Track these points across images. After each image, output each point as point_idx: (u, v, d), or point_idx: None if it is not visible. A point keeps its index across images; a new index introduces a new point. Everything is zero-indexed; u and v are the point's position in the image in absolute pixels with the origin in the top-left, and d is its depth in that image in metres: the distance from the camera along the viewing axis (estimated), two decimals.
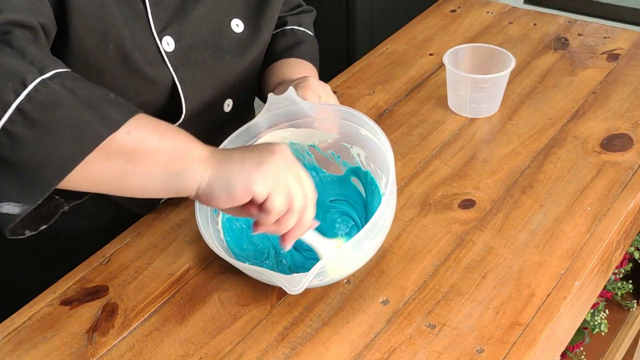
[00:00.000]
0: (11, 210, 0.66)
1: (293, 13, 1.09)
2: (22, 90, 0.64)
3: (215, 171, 0.72)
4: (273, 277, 0.76)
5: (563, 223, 0.91)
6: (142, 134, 0.69)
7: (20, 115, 0.63)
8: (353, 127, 0.88)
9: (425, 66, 1.26)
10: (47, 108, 0.64)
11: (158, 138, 0.70)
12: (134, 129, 0.69)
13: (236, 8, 0.92)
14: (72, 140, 0.65)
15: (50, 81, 0.65)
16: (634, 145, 1.03)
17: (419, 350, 0.77)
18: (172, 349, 0.80)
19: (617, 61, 1.22)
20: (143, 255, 0.92)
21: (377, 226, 0.78)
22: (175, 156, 0.71)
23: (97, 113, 0.67)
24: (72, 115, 0.65)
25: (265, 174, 0.71)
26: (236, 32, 0.92)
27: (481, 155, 1.04)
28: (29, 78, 0.64)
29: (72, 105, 0.66)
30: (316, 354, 0.78)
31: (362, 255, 0.81)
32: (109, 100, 0.68)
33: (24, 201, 0.66)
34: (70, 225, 0.97)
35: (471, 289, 0.83)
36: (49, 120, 0.64)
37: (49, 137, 0.65)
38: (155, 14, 0.83)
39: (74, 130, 0.65)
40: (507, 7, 1.42)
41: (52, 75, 0.66)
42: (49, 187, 0.66)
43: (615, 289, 1.46)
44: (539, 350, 0.78)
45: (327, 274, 0.78)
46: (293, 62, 1.02)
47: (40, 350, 0.81)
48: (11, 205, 0.66)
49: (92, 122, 0.66)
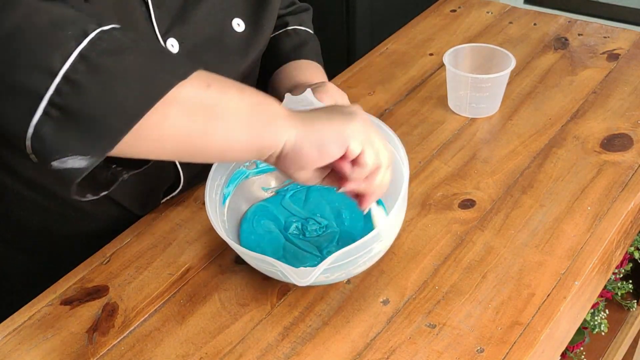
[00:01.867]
0: (77, 164, 0.62)
1: (290, 12, 1.09)
2: (84, 38, 0.61)
3: (304, 128, 0.70)
4: (282, 268, 0.75)
5: (563, 223, 0.91)
6: (222, 87, 0.67)
7: (83, 62, 0.60)
8: None
9: (425, 66, 1.26)
10: (112, 54, 0.61)
11: (238, 91, 0.68)
12: (212, 80, 0.66)
13: (236, 7, 0.92)
14: (140, 87, 0.62)
15: (112, 31, 0.62)
16: (634, 145, 1.03)
17: (419, 350, 0.77)
18: (172, 349, 0.80)
19: (617, 61, 1.22)
20: (143, 255, 0.92)
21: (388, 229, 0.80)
22: (259, 110, 0.68)
23: (162, 62, 0.64)
24: (137, 62, 0.62)
25: (356, 130, 0.70)
26: (238, 32, 0.92)
27: (481, 155, 1.04)
28: (90, 27, 0.61)
29: (137, 53, 0.63)
30: (316, 353, 0.78)
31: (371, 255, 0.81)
32: (170, 54, 0.67)
33: (91, 153, 0.62)
34: (70, 226, 0.97)
35: (471, 289, 0.83)
36: (114, 67, 0.61)
37: (115, 84, 0.61)
38: (159, 17, 0.83)
39: (141, 77, 0.62)
40: (507, 7, 1.42)
41: (112, 27, 0.63)
42: (117, 137, 0.62)
43: (615, 288, 1.46)
44: (539, 350, 0.78)
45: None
46: (304, 64, 1.02)
47: (40, 350, 0.81)
48: (77, 159, 0.62)
49: (158, 70, 0.63)
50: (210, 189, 0.85)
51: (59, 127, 0.61)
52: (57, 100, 0.60)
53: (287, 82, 1.00)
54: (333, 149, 0.70)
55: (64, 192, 0.66)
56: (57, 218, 0.96)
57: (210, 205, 0.83)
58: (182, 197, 1.01)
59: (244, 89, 0.69)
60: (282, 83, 1.01)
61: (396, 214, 0.79)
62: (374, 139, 0.73)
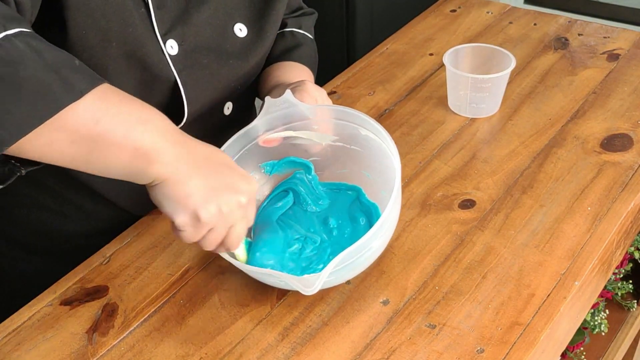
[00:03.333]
0: None
1: (294, 15, 1.09)
2: None
3: (168, 180, 0.72)
4: (286, 279, 0.75)
5: (563, 223, 0.91)
6: (111, 124, 0.67)
7: None
8: (353, 127, 0.88)
9: (425, 66, 1.26)
10: (8, 65, 0.61)
11: (127, 129, 0.68)
12: (103, 115, 0.66)
13: (239, 12, 0.92)
14: (31, 103, 0.62)
15: (14, 38, 0.62)
16: (634, 145, 1.03)
17: (419, 350, 0.77)
18: (172, 349, 0.80)
19: (617, 61, 1.22)
20: (143, 255, 0.92)
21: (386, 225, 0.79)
22: (140, 154, 0.69)
23: (60, 79, 0.64)
24: (33, 77, 0.62)
25: (197, 216, 0.72)
26: (239, 37, 0.92)
27: (481, 155, 1.04)
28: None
29: (35, 66, 0.62)
30: (316, 354, 0.78)
31: (371, 253, 0.81)
32: (73, 67, 0.65)
33: None
34: (70, 226, 0.97)
35: (471, 289, 0.83)
36: (9, 79, 0.61)
37: (6, 95, 0.61)
38: (159, 17, 0.83)
39: (34, 93, 0.62)
40: (507, 7, 1.42)
41: (17, 33, 0.62)
42: (2, 147, 0.63)
43: (616, 289, 1.46)
44: (539, 350, 0.78)
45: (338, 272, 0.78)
46: (289, 65, 1.02)
47: (40, 350, 0.81)
48: None
49: (53, 87, 0.63)
50: None
51: None
52: None
53: (269, 81, 0.99)
54: (164, 210, 0.73)
55: None
56: (57, 218, 0.96)
57: None
58: None
59: (134, 127, 0.69)
60: (265, 83, 1.00)
61: (391, 208, 0.78)
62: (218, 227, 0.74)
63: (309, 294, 0.75)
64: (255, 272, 0.80)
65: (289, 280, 0.75)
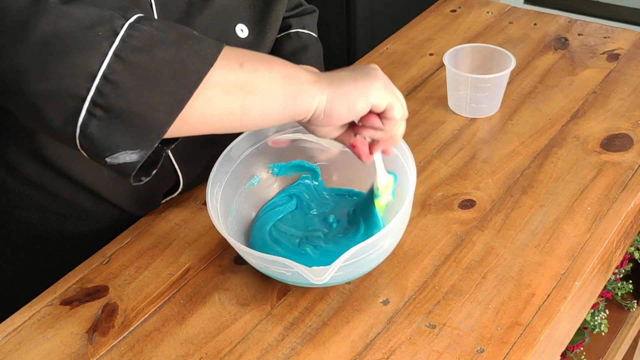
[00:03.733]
0: (128, 158, 0.65)
1: (295, 14, 1.09)
2: (115, 37, 0.62)
3: (332, 90, 0.74)
4: (297, 268, 0.75)
5: (563, 223, 0.91)
6: (253, 64, 0.70)
7: (119, 62, 0.62)
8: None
9: (425, 66, 1.26)
10: (144, 51, 0.63)
11: (268, 66, 0.71)
12: (244, 60, 0.69)
13: (241, 13, 0.92)
14: (176, 80, 0.64)
15: (138, 24, 0.64)
16: (634, 145, 1.03)
17: (419, 350, 0.77)
18: (172, 349, 0.80)
19: (617, 61, 1.22)
20: (143, 255, 0.92)
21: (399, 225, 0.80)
22: (289, 81, 0.72)
23: (191, 49, 0.65)
24: (169, 55, 0.64)
25: (378, 87, 0.75)
26: (241, 38, 0.92)
27: (481, 155, 1.04)
28: (117, 24, 0.62)
29: (166, 45, 0.64)
30: (316, 354, 0.78)
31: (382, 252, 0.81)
32: (195, 37, 0.67)
33: (140, 147, 0.65)
34: (70, 227, 0.97)
35: (471, 289, 0.83)
36: (149, 62, 0.63)
37: (152, 80, 0.63)
38: (162, 19, 0.83)
39: (175, 69, 0.64)
40: (507, 7, 1.42)
41: (138, 19, 0.64)
42: (163, 129, 0.65)
43: (616, 289, 1.46)
44: (539, 350, 0.78)
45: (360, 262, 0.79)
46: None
47: (40, 350, 0.81)
48: (128, 154, 0.65)
49: (189, 59, 0.65)
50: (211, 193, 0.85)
51: (105, 125, 0.63)
52: (99, 101, 0.62)
53: None
54: (360, 107, 0.75)
55: (124, 181, 0.69)
56: (58, 218, 0.96)
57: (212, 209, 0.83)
58: (182, 198, 1.01)
59: (272, 63, 0.72)
60: None
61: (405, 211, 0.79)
62: (396, 92, 0.78)
63: (319, 284, 0.75)
64: (267, 260, 0.79)
65: (301, 269, 0.75)
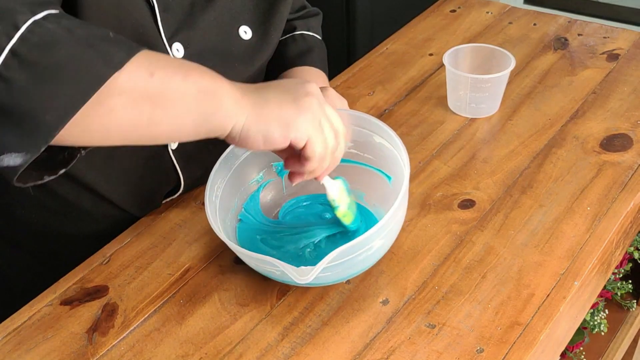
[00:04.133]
0: (12, 162, 0.62)
1: (300, 16, 1.09)
2: (15, 32, 0.59)
3: (252, 113, 0.69)
4: (282, 267, 0.75)
5: (563, 223, 0.91)
6: (167, 74, 0.65)
7: (14, 58, 0.59)
8: (367, 134, 0.88)
9: (425, 66, 1.26)
10: (43, 49, 0.60)
11: (183, 77, 0.66)
12: (156, 68, 0.65)
13: (244, 15, 0.92)
14: (73, 82, 0.61)
15: (44, 21, 0.60)
16: (634, 145, 1.03)
17: (419, 350, 0.77)
18: (172, 349, 0.80)
19: (617, 61, 1.22)
20: (143, 255, 0.92)
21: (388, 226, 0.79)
22: (205, 97, 0.67)
23: (97, 52, 0.62)
24: (70, 55, 0.61)
25: (303, 120, 0.70)
26: (244, 39, 0.92)
27: (481, 155, 1.04)
28: (21, 19, 0.59)
29: (70, 45, 0.61)
30: (316, 354, 0.78)
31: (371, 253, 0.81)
32: (109, 39, 0.63)
33: (26, 150, 0.61)
34: (70, 227, 0.97)
35: (471, 289, 0.83)
36: (46, 62, 0.60)
37: (47, 79, 0.60)
38: (165, 21, 0.83)
39: (74, 71, 0.61)
40: (507, 7, 1.42)
41: (46, 15, 0.61)
42: (52, 132, 0.61)
43: (615, 289, 1.46)
44: (539, 350, 0.78)
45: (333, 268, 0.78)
46: (305, 70, 1.02)
47: (40, 350, 0.81)
48: (12, 157, 0.61)
49: (92, 61, 0.61)
50: (210, 191, 0.85)
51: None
52: None
53: None
54: (277, 139, 0.70)
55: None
56: (58, 217, 0.96)
57: (210, 207, 0.83)
58: (182, 198, 1.01)
59: (189, 73, 0.67)
60: None
61: (396, 211, 0.78)
62: (324, 125, 0.72)
63: (303, 283, 0.75)
64: (255, 259, 0.79)
65: (286, 268, 0.75)
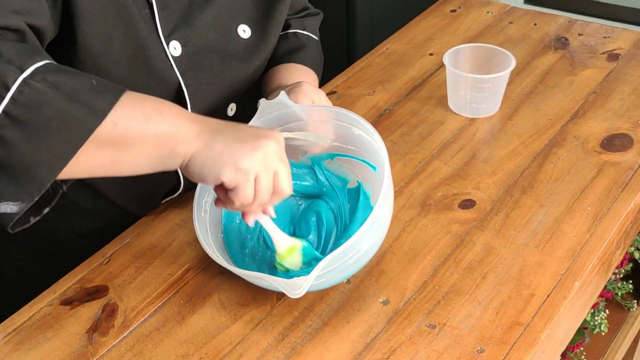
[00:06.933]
0: (9, 209, 0.67)
1: (298, 16, 1.08)
2: (6, 93, 0.64)
3: (200, 149, 0.74)
4: (274, 282, 0.75)
5: (563, 223, 0.91)
6: (129, 123, 0.70)
7: (7, 118, 0.64)
8: (346, 127, 0.88)
9: (425, 66, 1.26)
10: (33, 108, 0.65)
11: (144, 123, 0.71)
12: (120, 117, 0.69)
13: (243, 14, 0.92)
14: (62, 137, 0.66)
15: (31, 80, 0.65)
16: (634, 145, 1.03)
17: (419, 350, 0.77)
18: (172, 349, 0.80)
19: (617, 61, 1.22)
20: (143, 255, 0.92)
21: (375, 226, 0.78)
22: (160, 142, 0.72)
23: (82, 105, 0.67)
24: (58, 112, 0.66)
25: (238, 163, 0.73)
26: (243, 38, 0.92)
27: (481, 155, 1.04)
28: (10, 79, 0.64)
29: (57, 102, 0.66)
30: (316, 354, 0.78)
31: (362, 254, 0.80)
32: (92, 89, 0.68)
33: (21, 199, 0.67)
34: (70, 227, 0.97)
35: (471, 289, 0.83)
36: (37, 120, 0.65)
37: (39, 136, 0.65)
38: (163, 18, 0.83)
39: (63, 127, 0.66)
40: (507, 7, 1.42)
41: (33, 72, 0.65)
42: (44, 184, 0.67)
43: (616, 289, 1.46)
44: (539, 350, 0.78)
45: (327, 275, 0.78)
46: (292, 67, 1.02)
47: (40, 350, 0.81)
48: (9, 205, 0.67)
49: (78, 115, 0.67)
50: (198, 209, 0.85)
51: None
52: None
53: (271, 84, 0.99)
54: (209, 178, 0.75)
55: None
56: (58, 217, 0.96)
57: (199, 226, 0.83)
58: (182, 198, 1.01)
59: (150, 119, 0.72)
60: (267, 85, 1.00)
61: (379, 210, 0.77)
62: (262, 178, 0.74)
63: (296, 297, 0.75)
64: (246, 275, 0.80)
65: (277, 283, 0.75)
